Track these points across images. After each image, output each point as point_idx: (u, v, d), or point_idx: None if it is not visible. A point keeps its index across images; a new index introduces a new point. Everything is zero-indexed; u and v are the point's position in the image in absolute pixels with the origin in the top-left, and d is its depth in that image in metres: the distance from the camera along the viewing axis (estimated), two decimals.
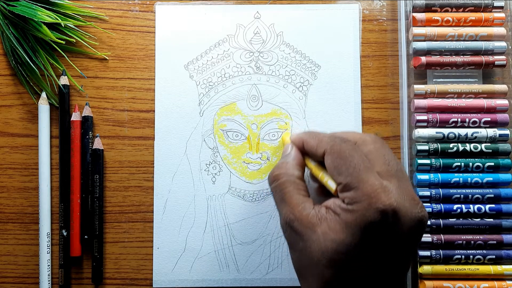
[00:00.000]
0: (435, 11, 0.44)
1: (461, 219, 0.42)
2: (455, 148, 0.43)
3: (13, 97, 0.45)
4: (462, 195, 0.42)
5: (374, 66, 0.45)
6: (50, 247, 0.43)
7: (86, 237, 0.43)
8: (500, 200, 0.43)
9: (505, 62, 0.43)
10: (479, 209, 0.42)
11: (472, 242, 0.42)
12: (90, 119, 0.44)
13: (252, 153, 0.44)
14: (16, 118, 0.45)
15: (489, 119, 0.43)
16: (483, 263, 0.42)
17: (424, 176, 0.43)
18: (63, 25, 0.44)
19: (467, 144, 0.43)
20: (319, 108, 0.45)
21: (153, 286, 0.43)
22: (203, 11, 0.45)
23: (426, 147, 0.43)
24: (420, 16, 0.44)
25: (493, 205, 0.42)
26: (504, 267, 0.42)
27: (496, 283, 0.41)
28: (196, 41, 0.45)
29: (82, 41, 0.44)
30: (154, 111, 0.45)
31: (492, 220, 0.42)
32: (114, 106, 0.45)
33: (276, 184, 0.35)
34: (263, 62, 0.45)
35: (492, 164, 0.42)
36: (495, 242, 0.42)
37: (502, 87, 0.43)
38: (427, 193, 0.42)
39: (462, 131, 0.43)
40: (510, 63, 0.44)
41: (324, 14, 0.45)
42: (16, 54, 0.43)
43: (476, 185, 0.43)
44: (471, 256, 0.42)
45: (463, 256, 0.42)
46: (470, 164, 0.42)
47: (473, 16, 0.43)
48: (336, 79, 0.45)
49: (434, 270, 0.42)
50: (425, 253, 0.42)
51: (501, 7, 0.44)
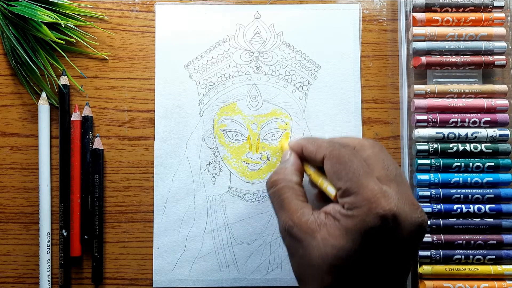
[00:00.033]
0: (435, 11, 0.44)
1: (461, 219, 0.42)
2: (455, 148, 0.43)
3: (13, 97, 0.45)
4: (462, 195, 0.42)
5: (374, 66, 0.45)
6: (50, 247, 0.43)
7: (86, 237, 0.43)
8: (500, 200, 0.43)
9: (505, 62, 0.43)
10: (479, 209, 0.42)
11: (472, 242, 0.42)
12: (90, 119, 0.44)
13: (252, 153, 0.44)
14: (16, 118, 0.45)
15: (489, 119, 0.43)
16: (483, 263, 0.42)
17: (424, 176, 0.43)
18: (63, 25, 0.44)
19: (467, 144, 0.43)
20: (319, 108, 0.45)
21: (153, 286, 0.43)
22: (203, 11, 0.45)
23: (426, 147, 0.43)
24: (420, 16, 0.44)
25: (493, 205, 0.42)
26: (504, 267, 0.42)
27: (496, 283, 0.41)
28: (196, 41, 0.45)
29: (82, 41, 0.44)
30: (154, 111, 0.45)
31: (492, 220, 0.42)
32: (114, 106, 0.45)
33: (274, 190, 0.35)
34: (263, 62, 0.45)
35: (492, 164, 0.42)
36: (495, 242, 0.42)
37: (502, 87, 0.43)
38: (427, 193, 0.42)
39: (462, 131, 0.43)
40: (510, 63, 0.44)
41: (324, 14, 0.45)
42: (16, 54, 0.43)
43: (476, 185, 0.43)
44: (471, 256, 0.42)
45: (463, 256, 0.42)
46: (470, 164, 0.42)
47: (473, 16, 0.43)
48: (336, 79, 0.45)
49: (434, 270, 0.42)
50: (425, 253, 0.42)
51: (501, 7, 0.44)
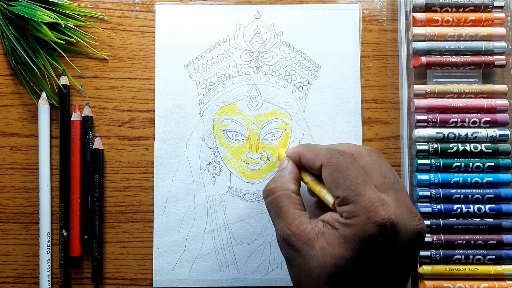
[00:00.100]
0: (435, 11, 0.44)
1: (461, 219, 0.42)
2: (455, 148, 0.43)
3: (13, 97, 0.45)
4: (462, 195, 0.42)
5: (374, 66, 0.45)
6: (50, 247, 0.43)
7: (86, 237, 0.43)
8: (500, 200, 0.43)
9: (505, 62, 0.43)
10: (479, 209, 0.42)
11: (472, 242, 0.42)
12: (90, 119, 0.44)
13: (252, 153, 0.44)
14: (16, 118, 0.45)
15: (489, 119, 0.43)
16: (483, 263, 0.42)
17: (424, 176, 0.43)
18: (63, 25, 0.44)
19: (467, 144, 0.43)
20: (319, 108, 0.45)
21: (153, 286, 0.43)
22: (203, 11, 0.45)
23: (426, 147, 0.43)
24: (420, 16, 0.44)
25: (493, 205, 0.42)
26: (504, 267, 0.42)
27: (496, 283, 0.41)
28: (196, 41, 0.45)
29: (82, 41, 0.44)
30: (154, 111, 0.45)
31: (492, 220, 0.42)
32: (114, 106, 0.45)
33: (271, 198, 0.35)
34: (263, 62, 0.45)
35: (492, 164, 0.42)
36: (495, 242, 0.42)
37: (502, 87, 0.43)
38: (427, 193, 0.42)
39: (462, 131, 0.43)
40: (510, 63, 0.44)
41: (324, 14, 0.45)
42: (16, 54, 0.43)
43: (476, 185, 0.43)
44: (471, 256, 0.42)
45: (463, 256, 0.42)
46: (470, 164, 0.42)
47: (473, 16, 0.43)
48: (336, 79, 0.45)
49: (434, 270, 0.42)
50: (425, 253, 0.42)
51: (501, 7, 0.44)
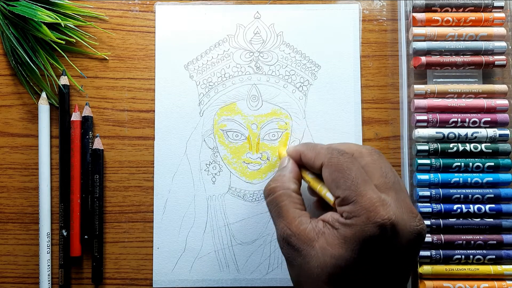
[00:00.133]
0: (435, 11, 0.44)
1: (461, 219, 0.42)
2: (455, 148, 0.43)
3: (13, 97, 0.45)
4: (462, 195, 0.42)
5: (374, 66, 0.45)
6: (50, 247, 0.43)
7: (86, 237, 0.43)
8: (500, 200, 0.43)
9: (505, 62, 0.43)
10: (479, 209, 0.42)
11: (472, 242, 0.42)
12: (90, 119, 0.44)
13: (252, 153, 0.44)
14: (16, 118, 0.45)
15: (489, 119, 0.43)
16: (483, 263, 0.42)
17: (424, 176, 0.43)
18: (63, 25, 0.44)
19: (467, 144, 0.43)
20: (319, 108, 0.45)
21: (153, 286, 0.43)
22: (203, 11, 0.45)
23: (426, 147, 0.43)
24: (420, 16, 0.44)
25: (493, 205, 0.42)
26: (504, 267, 0.42)
27: (496, 283, 0.41)
28: (196, 41, 0.45)
29: (82, 41, 0.44)
30: (154, 111, 0.45)
31: (492, 220, 0.42)
32: (114, 106, 0.45)
33: (272, 198, 0.35)
34: (263, 62, 0.45)
35: (492, 164, 0.42)
36: (495, 242, 0.42)
37: (502, 87, 0.43)
38: (427, 193, 0.42)
39: (462, 131, 0.43)
40: (510, 63, 0.44)
41: (324, 14, 0.45)
42: (16, 54, 0.43)
43: (476, 185, 0.43)
44: (471, 256, 0.42)
45: (463, 256, 0.42)
46: (470, 164, 0.42)
47: (473, 16, 0.43)
48: (336, 79, 0.45)
49: (434, 270, 0.42)
50: (425, 253, 0.42)
51: (501, 7, 0.44)
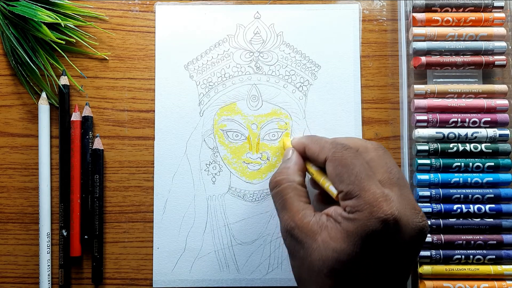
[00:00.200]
0: (435, 11, 0.44)
1: (461, 219, 0.42)
2: (455, 148, 0.43)
3: (13, 97, 0.45)
4: (462, 195, 0.42)
5: (374, 66, 0.45)
6: (50, 247, 0.43)
7: (86, 237, 0.43)
8: (500, 200, 0.43)
9: (505, 62, 0.43)
10: (479, 209, 0.42)
11: (472, 242, 0.42)
12: (90, 119, 0.44)
13: (252, 153, 0.44)
14: (16, 118, 0.45)
15: (489, 119, 0.43)
16: (483, 263, 0.42)
17: (424, 176, 0.43)
18: (63, 25, 0.44)
19: (467, 144, 0.43)
20: (319, 108, 0.45)
21: (153, 286, 0.43)
22: (203, 11, 0.45)
23: (426, 147, 0.43)
24: (420, 16, 0.44)
25: (493, 205, 0.42)
26: (504, 267, 0.42)
27: (496, 283, 0.41)
28: (196, 41, 0.45)
29: (82, 41, 0.44)
30: (154, 111, 0.45)
31: (492, 220, 0.42)
32: (114, 106, 0.45)
33: (277, 190, 0.35)
34: (263, 62, 0.45)
35: (492, 164, 0.42)
36: (495, 242, 0.42)
37: (502, 87, 0.43)
38: (427, 193, 0.42)
39: (462, 131, 0.43)
40: (510, 63, 0.44)
41: (324, 14, 0.45)
42: (16, 54, 0.43)
43: (476, 185, 0.43)
44: (471, 256, 0.42)
45: (463, 256, 0.42)
46: (470, 164, 0.42)
47: (473, 16, 0.43)
48: (336, 79, 0.45)
49: (434, 270, 0.42)
50: (425, 253, 0.42)
51: (501, 7, 0.44)
